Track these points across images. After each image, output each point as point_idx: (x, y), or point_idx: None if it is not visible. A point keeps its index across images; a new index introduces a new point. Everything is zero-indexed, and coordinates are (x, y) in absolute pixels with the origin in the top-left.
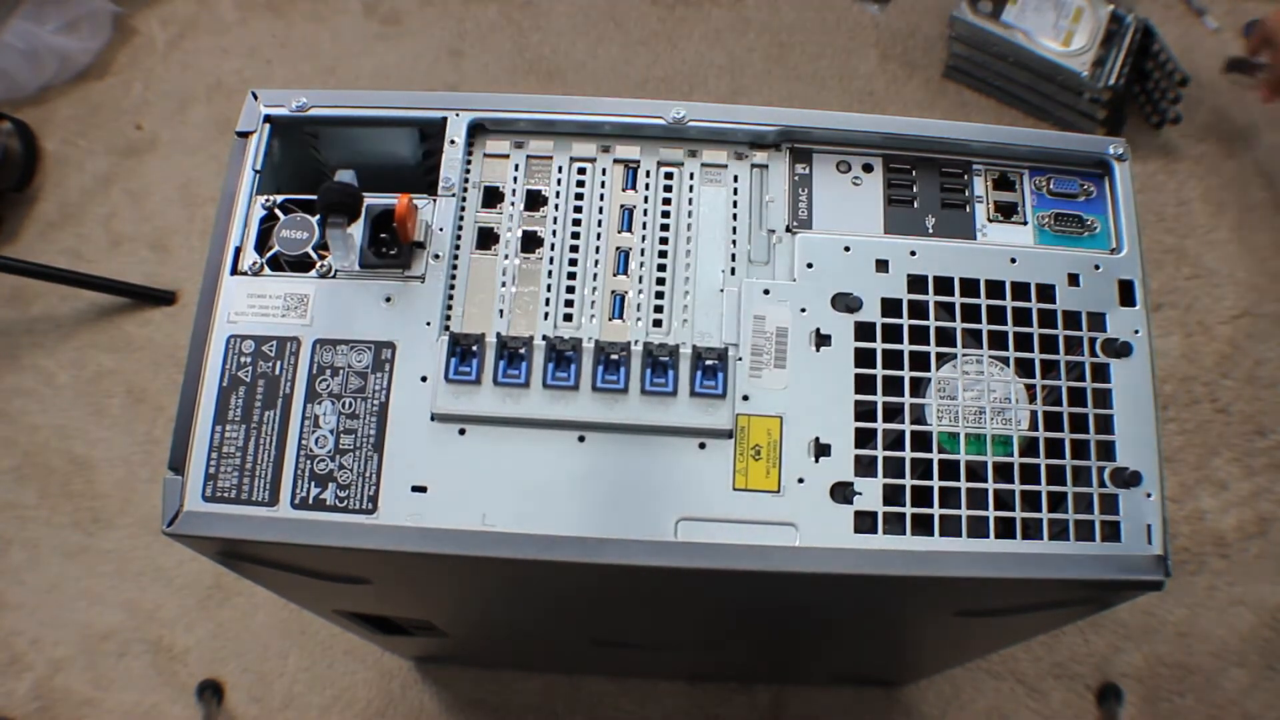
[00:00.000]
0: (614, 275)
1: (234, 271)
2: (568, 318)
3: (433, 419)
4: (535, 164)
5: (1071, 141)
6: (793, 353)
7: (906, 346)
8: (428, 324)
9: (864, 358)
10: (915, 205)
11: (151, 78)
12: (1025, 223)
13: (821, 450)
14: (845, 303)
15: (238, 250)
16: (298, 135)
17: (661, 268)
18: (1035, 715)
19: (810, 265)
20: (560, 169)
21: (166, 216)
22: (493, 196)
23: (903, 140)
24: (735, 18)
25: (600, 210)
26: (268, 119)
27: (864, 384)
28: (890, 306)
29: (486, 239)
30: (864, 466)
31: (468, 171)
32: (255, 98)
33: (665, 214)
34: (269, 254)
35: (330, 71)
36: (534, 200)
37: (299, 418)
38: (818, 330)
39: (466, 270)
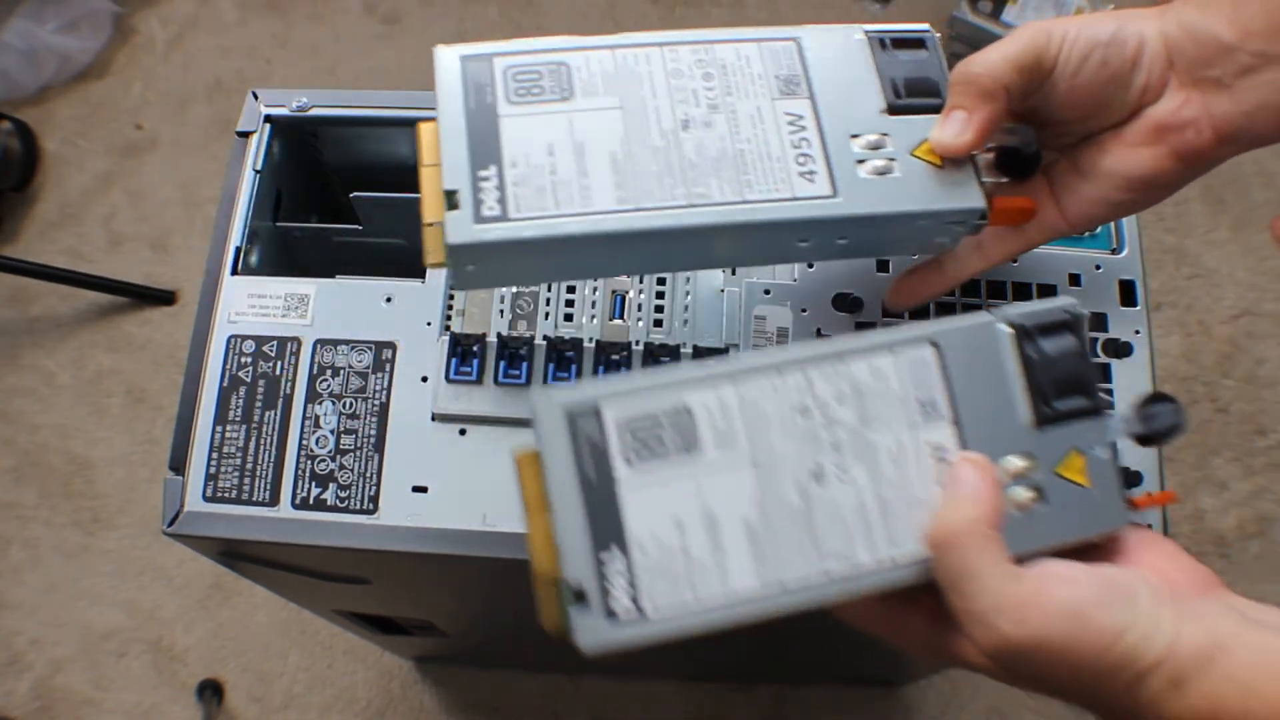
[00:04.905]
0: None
1: (234, 271)
2: (568, 318)
3: (433, 419)
4: None
5: None
6: None
7: None
8: (428, 324)
9: None
10: None
11: (151, 77)
12: None
13: None
14: (846, 303)
15: (238, 250)
16: (298, 135)
17: None
18: (1035, 715)
19: (811, 265)
20: None
21: (166, 216)
22: None
23: None
24: (735, 17)
25: None
26: (268, 119)
27: None
28: None
29: None
30: None
31: None
32: (255, 98)
33: None
34: None
35: (330, 71)
36: None
37: (299, 418)
38: (819, 331)
39: None
